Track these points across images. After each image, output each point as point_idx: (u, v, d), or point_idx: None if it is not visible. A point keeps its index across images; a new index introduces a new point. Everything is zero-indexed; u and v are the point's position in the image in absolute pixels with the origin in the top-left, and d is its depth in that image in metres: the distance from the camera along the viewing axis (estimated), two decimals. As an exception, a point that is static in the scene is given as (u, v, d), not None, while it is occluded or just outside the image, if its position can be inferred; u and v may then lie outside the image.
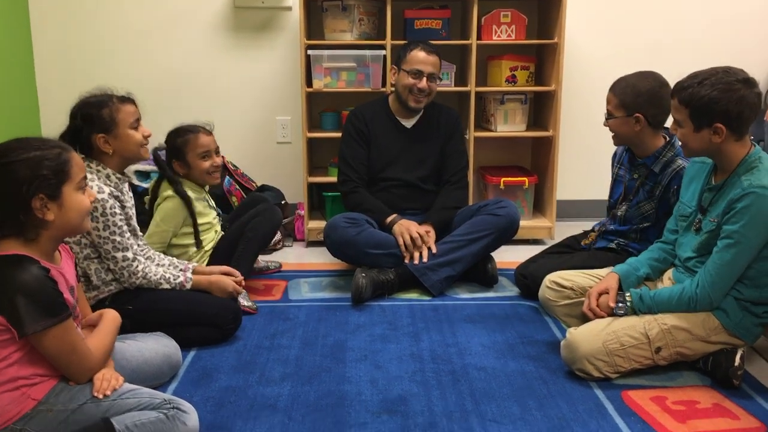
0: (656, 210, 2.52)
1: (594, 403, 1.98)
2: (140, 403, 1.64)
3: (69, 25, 3.63)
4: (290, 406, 1.97)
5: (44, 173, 1.57)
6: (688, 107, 1.99)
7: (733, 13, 3.74)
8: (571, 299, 2.31)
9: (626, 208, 2.59)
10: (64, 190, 1.61)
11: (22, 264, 1.54)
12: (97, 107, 2.19)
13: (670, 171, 2.44)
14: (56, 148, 1.62)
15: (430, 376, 2.16)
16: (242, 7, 3.65)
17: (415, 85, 2.95)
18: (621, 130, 2.46)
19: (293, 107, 3.71)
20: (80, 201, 1.65)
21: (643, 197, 2.53)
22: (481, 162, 3.77)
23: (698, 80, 1.97)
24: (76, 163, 1.65)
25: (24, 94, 3.58)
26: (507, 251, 3.21)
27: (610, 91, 2.47)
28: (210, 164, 2.69)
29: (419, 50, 2.97)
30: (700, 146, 2.04)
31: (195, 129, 2.70)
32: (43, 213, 1.58)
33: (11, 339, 1.54)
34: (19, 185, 1.55)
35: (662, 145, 2.47)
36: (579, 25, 3.64)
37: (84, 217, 1.68)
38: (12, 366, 1.56)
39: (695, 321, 2.06)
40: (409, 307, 2.72)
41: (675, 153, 2.45)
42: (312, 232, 3.51)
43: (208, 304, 2.36)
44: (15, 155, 1.56)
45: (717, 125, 1.97)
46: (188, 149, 2.66)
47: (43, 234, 1.61)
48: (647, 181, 2.51)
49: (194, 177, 2.71)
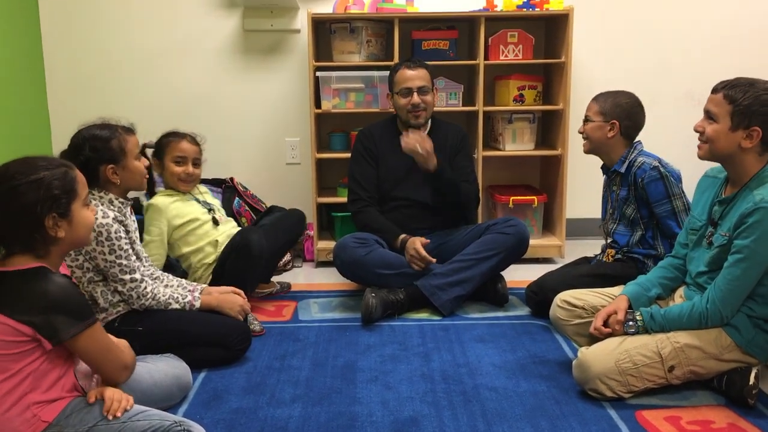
0: (638, 211, 2.62)
1: (608, 424, 1.96)
2: (151, 425, 1.63)
3: (80, 48, 3.68)
4: (301, 428, 1.96)
5: (55, 193, 1.61)
6: (732, 103, 1.99)
7: (740, 31, 3.75)
8: (583, 318, 2.30)
9: (616, 220, 2.70)
10: (73, 207, 1.66)
11: (46, 275, 1.60)
12: (106, 139, 2.22)
13: (635, 168, 2.58)
14: (62, 167, 1.66)
15: (441, 396, 2.14)
16: (252, 31, 3.69)
17: (409, 103, 2.97)
18: (595, 135, 2.64)
19: (302, 128, 3.73)
20: (87, 217, 1.71)
21: (623, 203, 2.65)
22: (489, 181, 3.77)
23: (749, 81, 1.99)
24: (81, 180, 1.70)
25: (36, 116, 3.62)
26: (517, 270, 3.20)
27: (592, 100, 2.68)
28: (182, 171, 2.75)
29: (403, 69, 3.01)
30: (726, 147, 2.02)
31: (181, 135, 2.79)
32: (56, 231, 1.62)
33: (32, 350, 1.57)
34: (32, 206, 1.59)
35: (626, 151, 2.63)
36: (586, 44, 3.66)
37: (90, 231, 1.76)
38: (25, 381, 1.57)
39: (708, 339, 2.05)
40: (420, 327, 2.71)
41: (637, 153, 2.62)
42: (321, 253, 3.52)
43: (218, 324, 2.36)
44: (23, 177, 1.59)
45: (754, 129, 1.96)
46: (167, 151, 2.76)
47: (52, 250, 1.65)
48: (622, 187, 2.65)
49: (166, 178, 2.78)
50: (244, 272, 2.67)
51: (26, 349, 1.57)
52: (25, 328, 1.55)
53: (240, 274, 2.66)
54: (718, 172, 2.17)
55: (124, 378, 1.73)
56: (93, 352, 1.65)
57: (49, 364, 1.60)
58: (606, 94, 2.65)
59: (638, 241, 2.64)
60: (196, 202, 2.81)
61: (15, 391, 1.57)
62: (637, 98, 2.64)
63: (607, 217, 2.77)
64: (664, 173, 2.53)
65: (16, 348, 1.56)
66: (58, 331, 1.57)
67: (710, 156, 2.09)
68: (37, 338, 1.56)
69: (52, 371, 1.62)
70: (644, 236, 2.63)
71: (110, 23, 3.66)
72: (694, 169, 2.34)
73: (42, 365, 1.59)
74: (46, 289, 1.57)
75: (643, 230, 2.63)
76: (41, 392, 1.60)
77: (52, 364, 1.61)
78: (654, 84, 3.72)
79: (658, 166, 2.53)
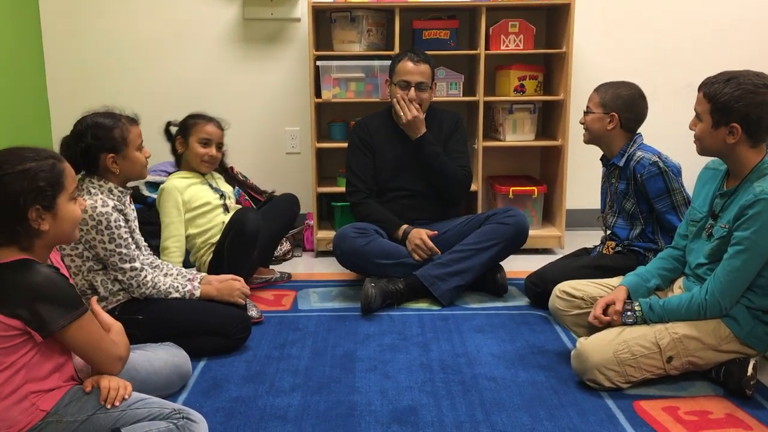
0: (638, 205, 2.61)
1: (605, 414, 1.97)
2: (150, 413, 1.64)
3: (80, 36, 3.66)
4: (300, 417, 1.97)
5: (40, 185, 1.58)
6: (710, 102, 2.00)
7: (743, 21, 3.74)
8: (582, 309, 2.30)
9: (616, 214, 2.69)
10: (59, 201, 1.63)
11: (31, 267, 1.57)
12: (109, 127, 2.21)
13: (633, 162, 2.58)
14: (50, 159, 1.63)
15: (440, 386, 2.15)
16: (251, 19, 3.68)
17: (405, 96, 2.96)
18: (594, 126, 2.63)
19: (302, 118, 3.72)
20: (73, 211, 1.67)
21: (622, 197, 2.64)
22: (489, 171, 3.77)
23: (726, 77, 1.99)
24: (69, 174, 1.67)
25: (35, 104, 3.62)
26: (516, 260, 3.21)
27: (594, 91, 2.66)
28: (205, 152, 2.79)
29: (406, 60, 2.98)
30: (713, 144, 2.04)
31: (208, 118, 2.85)
32: (39, 224, 1.59)
33: (23, 343, 1.55)
34: (15, 197, 1.56)
35: (626, 144, 2.62)
36: (587, 34, 3.65)
37: (75, 226, 1.70)
38: (19, 372, 1.56)
39: (706, 330, 2.05)
40: (419, 316, 2.71)
41: (636, 147, 2.60)
42: (321, 242, 3.52)
43: (218, 313, 2.36)
44: (10, 167, 1.57)
45: (733, 125, 1.96)
46: (193, 131, 2.80)
47: (36, 243, 1.62)
48: (621, 180, 2.63)
49: (188, 158, 2.82)
50: (241, 251, 2.70)
51: (17, 342, 1.55)
52: (14, 321, 1.53)
53: (237, 253, 2.68)
54: (718, 165, 2.17)
55: (117, 369, 1.69)
56: (84, 343, 1.62)
57: (41, 356, 1.59)
58: (607, 85, 2.63)
59: (638, 235, 2.64)
60: (210, 187, 2.84)
61: (10, 382, 1.56)
62: (638, 89, 2.62)
63: (606, 210, 2.77)
64: (663, 168, 2.52)
65: (7, 342, 1.54)
66: (46, 323, 1.54)
67: (704, 153, 2.11)
68: (27, 331, 1.54)
69: (47, 362, 1.61)
70: (644, 230, 2.63)
71: (110, 11, 3.64)
72: (696, 160, 2.32)
73: (35, 357, 1.58)
74: (31, 280, 1.55)
75: (642, 224, 2.62)
76: (38, 382, 1.59)
77: (46, 355, 1.60)
78: (655, 75, 3.71)
79: (657, 161, 2.52)
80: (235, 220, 2.70)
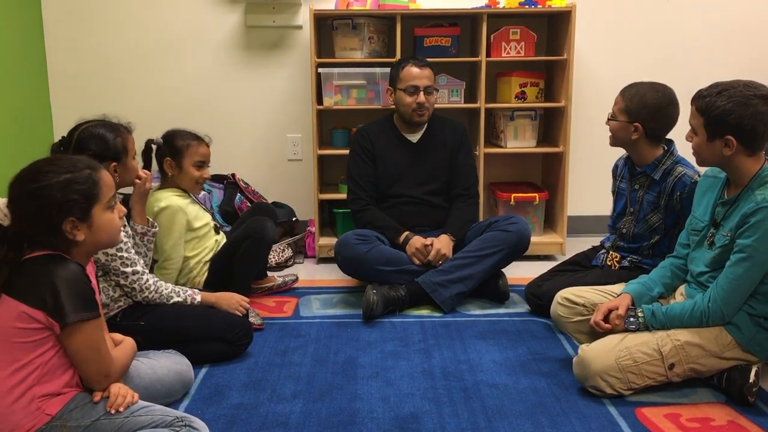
0: (664, 220, 2.53)
1: (607, 421, 1.97)
2: (153, 420, 1.64)
3: (83, 42, 3.68)
4: (302, 424, 1.97)
5: (74, 197, 1.61)
6: (703, 116, 2.00)
7: (743, 28, 3.74)
8: (583, 316, 2.30)
9: (634, 222, 2.59)
10: (94, 211, 1.65)
11: (61, 259, 1.61)
12: (113, 137, 2.23)
13: (673, 178, 2.47)
14: (86, 169, 1.65)
15: (441, 393, 2.15)
16: (253, 27, 3.69)
17: (415, 102, 2.97)
18: (619, 134, 2.53)
19: (304, 125, 3.73)
20: (110, 220, 1.69)
21: (649, 209, 2.54)
22: (491, 178, 3.77)
23: (717, 90, 1.99)
24: (106, 182, 1.68)
25: (38, 110, 3.62)
26: (518, 267, 3.21)
27: (620, 93, 2.53)
28: (200, 174, 2.71)
29: (411, 66, 3.00)
30: (710, 157, 2.05)
31: (198, 137, 2.73)
32: (74, 235, 1.63)
33: (43, 340, 1.57)
34: (48, 209, 1.59)
35: (661, 154, 2.52)
36: (588, 41, 3.66)
37: (116, 234, 1.73)
38: (33, 373, 1.58)
39: (708, 337, 2.05)
40: (420, 323, 2.72)
41: (675, 160, 2.50)
42: (323, 249, 3.52)
43: (219, 319, 2.37)
44: (46, 179, 1.59)
45: (728, 138, 1.97)
46: (187, 154, 2.68)
47: (74, 250, 1.66)
48: (649, 191, 2.53)
49: (181, 182, 2.70)
50: (257, 258, 2.75)
51: (39, 338, 1.57)
52: (37, 313, 1.55)
53: (251, 261, 2.72)
54: (717, 172, 2.17)
55: (101, 385, 1.68)
56: (84, 348, 1.63)
57: (58, 359, 1.61)
58: (635, 89, 2.48)
59: (652, 246, 2.56)
60: (201, 207, 2.80)
61: (22, 384, 1.57)
62: (668, 94, 2.48)
63: (626, 215, 2.62)
64: None
65: (29, 336, 1.56)
66: (66, 313, 1.56)
67: (703, 164, 2.12)
68: (49, 325, 1.56)
69: (60, 366, 1.62)
70: (660, 242, 2.55)
71: (113, 18, 3.66)
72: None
73: (52, 359, 1.59)
74: (56, 271, 1.58)
75: (660, 236, 2.55)
76: (47, 385, 1.60)
77: (62, 359, 1.62)
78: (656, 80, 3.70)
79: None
80: (255, 228, 2.70)
